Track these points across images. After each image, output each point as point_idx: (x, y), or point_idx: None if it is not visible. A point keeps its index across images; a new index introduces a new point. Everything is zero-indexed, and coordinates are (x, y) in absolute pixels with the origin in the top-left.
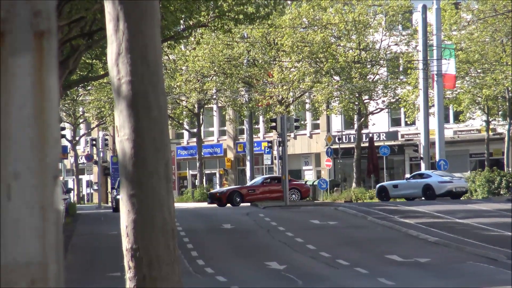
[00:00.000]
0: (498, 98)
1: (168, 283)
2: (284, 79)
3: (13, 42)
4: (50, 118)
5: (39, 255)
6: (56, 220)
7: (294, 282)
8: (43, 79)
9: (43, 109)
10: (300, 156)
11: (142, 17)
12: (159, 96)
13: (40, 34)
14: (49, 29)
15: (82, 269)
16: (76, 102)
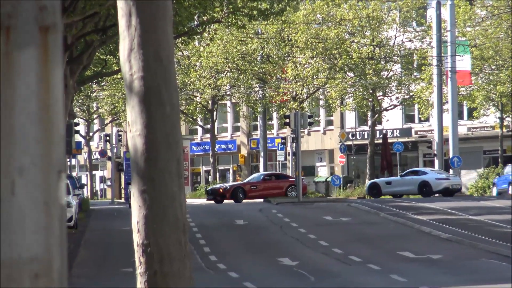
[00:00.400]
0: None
1: (179, 279)
2: (298, 75)
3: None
4: (55, 113)
5: (43, 250)
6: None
7: (306, 278)
8: (48, 74)
9: (48, 104)
10: (313, 152)
11: (155, 13)
12: (172, 92)
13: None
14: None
15: (94, 265)
16: (90, 98)
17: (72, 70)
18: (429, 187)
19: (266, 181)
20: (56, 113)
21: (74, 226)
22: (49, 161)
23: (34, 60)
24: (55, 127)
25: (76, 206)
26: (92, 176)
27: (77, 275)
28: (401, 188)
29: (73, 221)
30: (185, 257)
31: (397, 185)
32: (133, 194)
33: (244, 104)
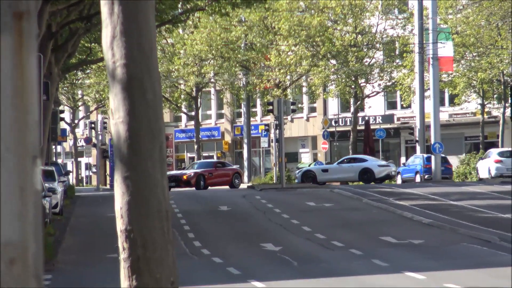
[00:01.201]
0: (493, 82)
1: (162, 264)
2: (281, 62)
3: None
4: (29, 99)
5: (18, 235)
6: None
7: (290, 263)
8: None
9: (23, 91)
10: (297, 139)
11: (137, 0)
12: (154, 80)
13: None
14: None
15: (80, 250)
16: (75, 85)
17: (57, 57)
18: (371, 174)
19: (218, 169)
20: (31, 99)
21: (60, 213)
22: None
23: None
24: (29, 113)
25: (62, 193)
26: (77, 163)
27: (63, 261)
28: (340, 176)
29: (58, 208)
30: (168, 243)
31: (335, 172)
32: (116, 181)
33: (228, 91)
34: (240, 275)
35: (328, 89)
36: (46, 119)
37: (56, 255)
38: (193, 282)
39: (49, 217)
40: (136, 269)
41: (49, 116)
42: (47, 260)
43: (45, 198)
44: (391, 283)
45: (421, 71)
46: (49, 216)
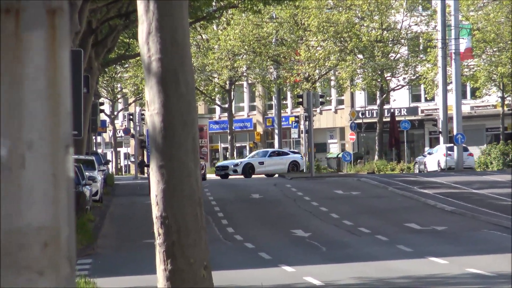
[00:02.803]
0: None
1: (195, 249)
2: (310, 57)
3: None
4: (62, 91)
5: (51, 220)
6: (68, 187)
7: (318, 249)
8: (55, 54)
9: (56, 83)
10: (325, 130)
11: None
12: (187, 74)
13: (52, 12)
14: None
15: (118, 236)
16: (114, 79)
17: (97, 52)
18: (298, 166)
19: (272, 157)
20: (63, 91)
21: (100, 200)
22: (56, 136)
23: (42, 41)
24: (62, 104)
25: (102, 181)
26: (116, 153)
27: (102, 245)
28: (274, 168)
29: (98, 195)
30: (201, 228)
31: (269, 164)
32: (151, 169)
33: (259, 84)
34: (271, 259)
35: (355, 83)
36: (87, 111)
37: (95, 240)
38: (226, 267)
39: (90, 204)
40: (171, 253)
41: (89, 108)
42: (88, 245)
43: (85, 186)
44: (415, 268)
45: (444, 66)
46: (90, 203)
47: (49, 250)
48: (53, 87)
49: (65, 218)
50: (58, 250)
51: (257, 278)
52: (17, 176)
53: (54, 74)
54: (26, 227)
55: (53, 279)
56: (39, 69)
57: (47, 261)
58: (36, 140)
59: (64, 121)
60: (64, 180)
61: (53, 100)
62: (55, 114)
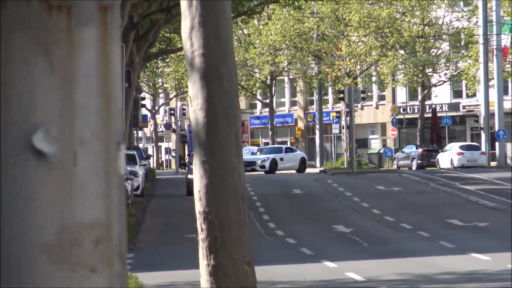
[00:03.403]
0: None
1: (238, 244)
2: (351, 52)
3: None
4: (113, 87)
5: (103, 216)
6: (119, 184)
7: (360, 244)
8: (107, 50)
9: (107, 79)
10: (366, 125)
11: None
12: (230, 69)
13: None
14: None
15: (160, 231)
16: (156, 74)
17: (138, 47)
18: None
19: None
20: (115, 88)
21: (141, 195)
22: (108, 133)
23: (94, 37)
24: (113, 101)
25: (143, 176)
26: (157, 148)
27: (143, 240)
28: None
29: (140, 190)
30: (244, 224)
31: (287, 160)
32: (194, 165)
33: (300, 79)
34: (312, 255)
35: (397, 78)
36: (128, 105)
37: (137, 235)
38: (268, 262)
39: (131, 199)
40: (214, 249)
41: (131, 102)
42: (129, 239)
43: (127, 181)
44: (457, 264)
45: (485, 61)
46: (131, 198)
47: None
48: (104, 84)
49: (117, 214)
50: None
51: (299, 274)
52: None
53: (105, 71)
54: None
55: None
56: (91, 65)
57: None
58: (88, 137)
59: (115, 118)
60: (115, 177)
61: (104, 96)
62: (107, 111)
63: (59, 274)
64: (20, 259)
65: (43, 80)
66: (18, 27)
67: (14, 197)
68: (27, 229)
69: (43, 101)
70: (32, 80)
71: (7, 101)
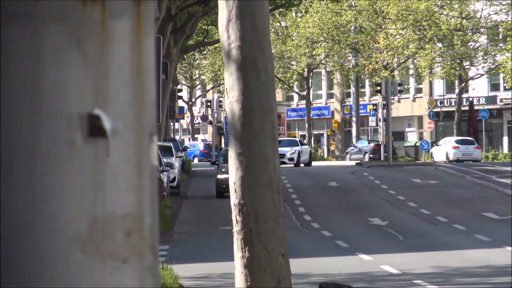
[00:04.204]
0: None
1: (273, 236)
2: (389, 45)
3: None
4: (146, 79)
5: (136, 207)
6: (151, 176)
7: (396, 237)
8: (140, 42)
9: (140, 71)
10: (403, 118)
11: None
12: (267, 61)
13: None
14: None
15: (195, 223)
16: (193, 66)
17: (176, 39)
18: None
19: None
20: (148, 79)
21: (177, 186)
22: (141, 124)
23: (127, 29)
24: (146, 92)
25: (179, 168)
26: (194, 139)
27: (179, 232)
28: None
29: (176, 182)
30: (279, 216)
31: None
32: (230, 157)
33: (337, 72)
34: (348, 248)
35: (434, 71)
36: (165, 97)
37: (173, 227)
38: (303, 254)
39: (167, 191)
40: (249, 241)
41: (167, 94)
42: (165, 231)
43: (163, 173)
44: (492, 258)
45: None
46: (167, 190)
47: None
48: (138, 76)
49: (149, 206)
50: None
51: (335, 266)
52: (102, 164)
53: (139, 63)
54: (111, 215)
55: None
56: (125, 57)
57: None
58: (120, 128)
59: (148, 110)
60: (148, 168)
61: (137, 88)
62: (140, 102)
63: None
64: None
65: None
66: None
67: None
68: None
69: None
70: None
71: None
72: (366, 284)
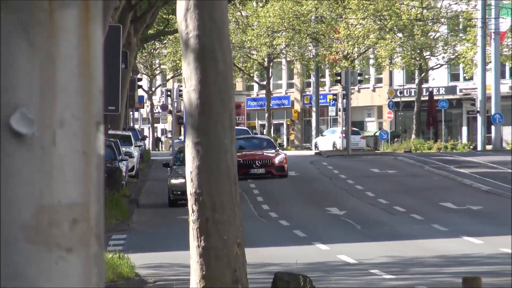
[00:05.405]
0: None
1: (230, 226)
2: (349, 35)
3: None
4: (94, 69)
5: (82, 197)
6: (98, 165)
7: (353, 227)
8: (88, 32)
9: (88, 60)
10: (363, 108)
11: None
12: (225, 51)
13: None
14: None
15: (153, 212)
16: (153, 55)
17: (136, 28)
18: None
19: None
20: (96, 69)
21: (136, 176)
22: (88, 114)
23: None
24: (94, 82)
25: (138, 157)
26: (154, 129)
27: (137, 221)
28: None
29: (134, 171)
30: (236, 206)
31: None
32: (187, 146)
33: (298, 62)
34: (305, 237)
35: (394, 61)
36: (125, 86)
37: (131, 216)
38: (260, 244)
39: (125, 180)
40: (205, 230)
41: (127, 84)
42: (123, 220)
43: (122, 162)
44: (449, 247)
45: (483, 45)
46: (126, 179)
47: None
48: (85, 65)
49: (95, 195)
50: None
51: (292, 256)
52: (49, 153)
53: (87, 53)
54: (57, 204)
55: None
56: (72, 47)
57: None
58: (67, 118)
59: (95, 99)
60: (94, 157)
61: (85, 78)
62: (87, 92)
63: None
64: None
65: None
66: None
67: None
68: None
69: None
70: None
71: None
72: (322, 273)
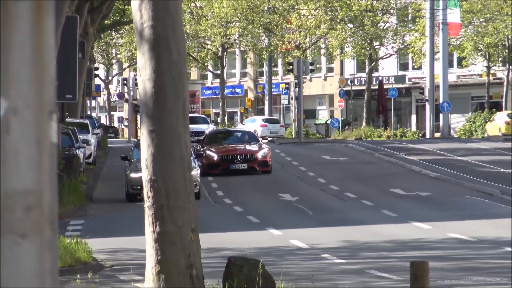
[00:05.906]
0: (499, 46)
1: (184, 212)
2: (301, 25)
3: None
4: (47, 58)
5: (35, 184)
6: (51, 153)
7: (305, 213)
8: (41, 22)
9: (41, 50)
10: (315, 97)
11: None
12: (179, 41)
13: None
14: None
15: (111, 198)
16: (110, 45)
17: (93, 18)
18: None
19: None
20: (48, 58)
21: (93, 163)
22: (41, 103)
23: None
24: (47, 71)
25: (95, 144)
26: (110, 117)
27: (94, 208)
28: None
29: (92, 158)
30: (189, 192)
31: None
32: (142, 134)
33: (251, 51)
34: (259, 223)
35: (345, 51)
36: (82, 75)
37: (88, 202)
38: (215, 229)
39: (83, 167)
40: (160, 216)
41: (84, 73)
42: (80, 206)
43: (79, 149)
44: (398, 232)
45: (431, 35)
46: (83, 166)
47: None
48: (38, 55)
49: (48, 182)
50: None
51: (245, 241)
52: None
53: (39, 42)
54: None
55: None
56: (25, 36)
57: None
58: (21, 107)
59: (48, 88)
60: (47, 145)
61: (38, 67)
62: (40, 81)
63: None
64: None
65: None
66: None
67: None
68: None
69: None
70: None
71: None
72: (274, 258)
